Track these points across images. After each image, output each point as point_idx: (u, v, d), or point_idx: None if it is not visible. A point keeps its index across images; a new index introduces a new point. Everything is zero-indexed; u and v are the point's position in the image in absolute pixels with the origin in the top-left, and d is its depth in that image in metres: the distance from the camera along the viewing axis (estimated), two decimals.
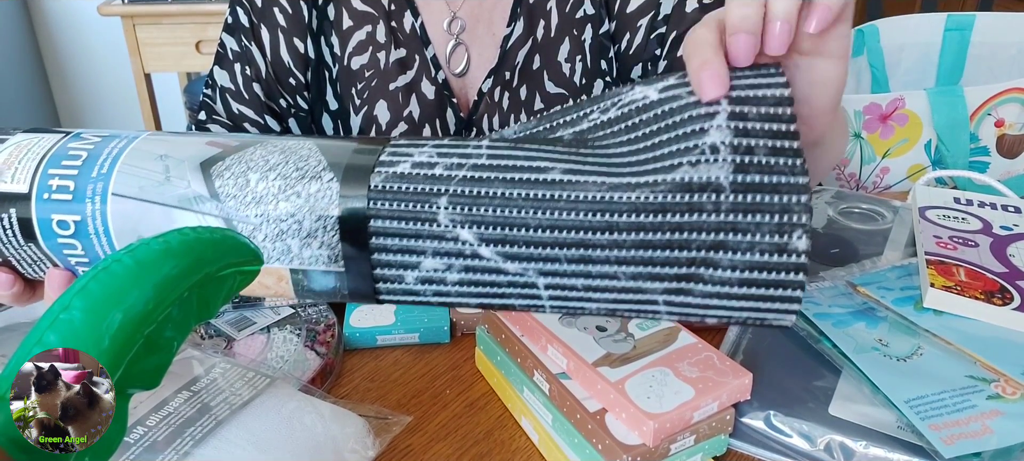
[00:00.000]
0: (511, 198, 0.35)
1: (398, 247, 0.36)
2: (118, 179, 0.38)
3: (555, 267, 0.35)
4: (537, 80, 0.75)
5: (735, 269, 0.33)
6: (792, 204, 0.33)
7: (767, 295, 0.34)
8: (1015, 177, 0.92)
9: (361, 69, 0.74)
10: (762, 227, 0.33)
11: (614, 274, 0.35)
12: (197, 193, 0.37)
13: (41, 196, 0.39)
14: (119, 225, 0.38)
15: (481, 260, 0.35)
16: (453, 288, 0.36)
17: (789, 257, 0.33)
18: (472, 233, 0.35)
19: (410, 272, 0.36)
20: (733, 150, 0.33)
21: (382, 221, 0.36)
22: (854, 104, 0.91)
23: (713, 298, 0.34)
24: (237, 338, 0.60)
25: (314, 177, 0.37)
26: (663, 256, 0.34)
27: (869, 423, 0.49)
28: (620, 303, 0.36)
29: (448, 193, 0.35)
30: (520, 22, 0.74)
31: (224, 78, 0.74)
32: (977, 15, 1.08)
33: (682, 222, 0.33)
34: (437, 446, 0.52)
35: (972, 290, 0.58)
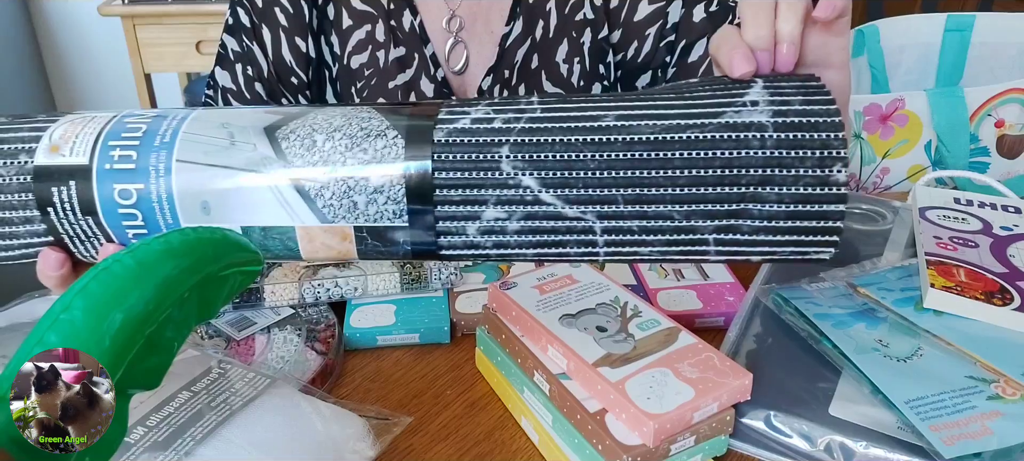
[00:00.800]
0: (570, 143, 0.37)
1: (461, 198, 0.37)
2: (181, 146, 0.39)
3: (612, 209, 0.37)
4: (535, 80, 0.75)
5: (782, 202, 0.36)
6: (831, 140, 0.36)
7: (811, 227, 0.37)
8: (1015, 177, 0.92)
9: (360, 68, 0.74)
10: (805, 161, 0.36)
11: (669, 213, 0.37)
12: (264, 155, 0.38)
13: (102, 167, 0.39)
14: (183, 190, 0.38)
15: (542, 206, 0.37)
16: (513, 238, 0.38)
17: (831, 189, 0.36)
18: (534, 179, 0.37)
19: (472, 223, 0.38)
20: (771, 102, 0.37)
21: (446, 172, 0.37)
22: (854, 104, 0.91)
23: (761, 233, 0.37)
24: (237, 338, 0.60)
25: (379, 135, 0.38)
26: (715, 193, 0.36)
27: (869, 423, 0.49)
28: (673, 245, 0.38)
29: (509, 142, 0.37)
30: (519, 21, 0.74)
31: (226, 78, 0.75)
32: (977, 15, 1.08)
33: (731, 158, 0.36)
34: (438, 446, 0.52)
35: (972, 290, 0.58)
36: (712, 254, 0.38)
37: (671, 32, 0.73)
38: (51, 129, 0.41)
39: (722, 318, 0.63)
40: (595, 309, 0.55)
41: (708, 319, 0.63)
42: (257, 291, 0.63)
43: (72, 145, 0.40)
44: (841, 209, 0.36)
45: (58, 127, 0.41)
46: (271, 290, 0.63)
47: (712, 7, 0.72)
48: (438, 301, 0.65)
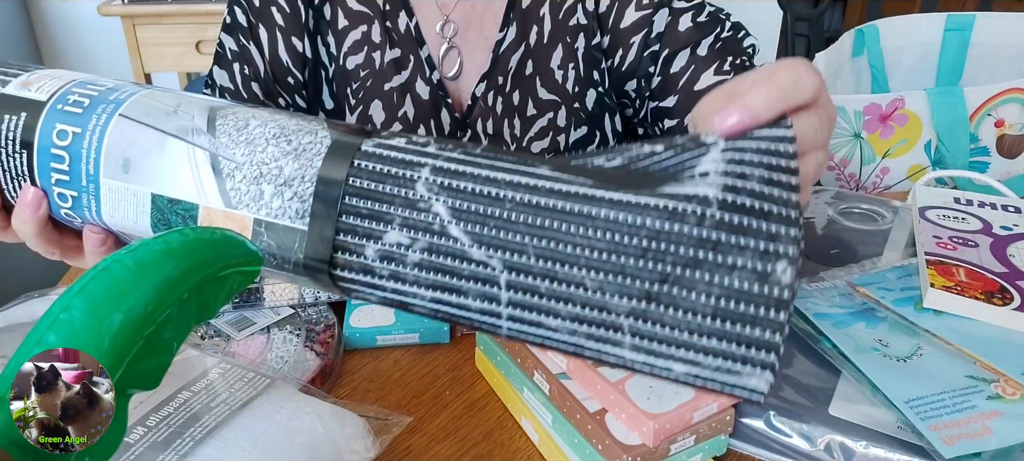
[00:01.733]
0: (492, 180, 0.34)
1: (368, 210, 0.35)
2: (129, 104, 0.40)
3: (521, 261, 0.33)
4: (530, 85, 0.75)
5: (711, 295, 0.31)
6: (780, 233, 0.31)
7: (742, 335, 0.31)
8: (1015, 177, 0.92)
9: (356, 69, 0.74)
10: (745, 251, 0.30)
11: (581, 279, 0.32)
12: (196, 126, 0.38)
13: (55, 106, 0.40)
14: (113, 141, 0.39)
15: (448, 239, 0.34)
16: (411, 271, 0.35)
17: (771, 289, 0.30)
18: (446, 207, 0.34)
19: (372, 243, 0.35)
20: (724, 174, 0.32)
21: (360, 180, 0.35)
22: (854, 104, 0.91)
23: (683, 331, 0.31)
24: (237, 338, 0.60)
25: (310, 133, 0.37)
26: (635, 266, 0.31)
27: (869, 423, 0.49)
28: (582, 323, 0.33)
29: (431, 166, 0.35)
30: (512, 27, 0.74)
31: (223, 78, 0.74)
32: (977, 15, 1.08)
33: (661, 231, 0.31)
34: (437, 447, 0.52)
35: (972, 290, 0.58)
36: (627, 348, 0.32)
37: (655, 41, 0.72)
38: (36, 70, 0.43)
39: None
40: None
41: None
42: (257, 291, 0.63)
43: (41, 85, 0.42)
44: (781, 319, 0.30)
45: (41, 71, 0.43)
46: (271, 290, 0.63)
47: (700, 17, 0.71)
48: None
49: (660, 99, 0.73)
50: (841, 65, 1.11)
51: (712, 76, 0.69)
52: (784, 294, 0.30)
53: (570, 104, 0.75)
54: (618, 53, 0.74)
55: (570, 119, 0.75)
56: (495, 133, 0.76)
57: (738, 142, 0.33)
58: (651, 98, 0.74)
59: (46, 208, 0.41)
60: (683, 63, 0.71)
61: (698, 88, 0.70)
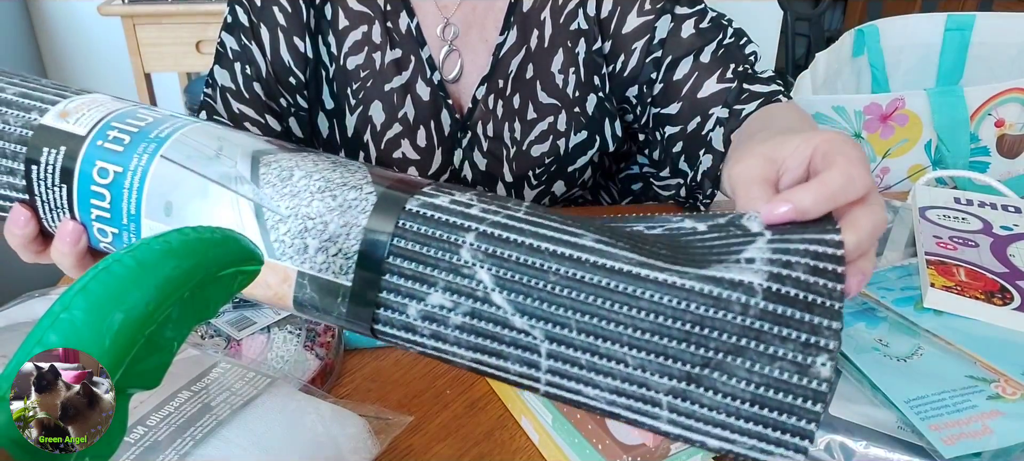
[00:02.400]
0: (537, 249, 0.34)
1: (412, 272, 0.35)
2: (171, 145, 0.39)
3: (563, 334, 0.33)
4: (530, 89, 0.75)
5: (751, 382, 0.32)
6: (823, 327, 0.31)
7: (778, 421, 0.32)
8: (1015, 177, 0.92)
9: (356, 69, 0.74)
10: (787, 342, 0.31)
11: (622, 356, 0.33)
12: (239, 174, 0.38)
13: (95, 142, 0.40)
14: (155, 185, 0.39)
15: (490, 306, 0.34)
16: (452, 332, 0.35)
17: (809, 381, 0.31)
18: (490, 275, 0.34)
19: (415, 303, 0.35)
20: (770, 263, 0.33)
21: (405, 241, 0.35)
22: (854, 104, 0.91)
23: (720, 411, 0.32)
24: (237, 338, 0.60)
25: (354, 187, 0.37)
26: (677, 348, 0.32)
27: (869, 423, 0.49)
28: (620, 396, 0.33)
29: (476, 231, 0.35)
30: (513, 31, 0.74)
31: (225, 77, 0.74)
32: (977, 15, 1.08)
33: (705, 316, 0.32)
34: (438, 446, 0.52)
35: (972, 290, 0.58)
36: (663, 421, 0.33)
37: (658, 48, 0.72)
38: (72, 98, 0.42)
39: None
40: None
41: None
42: None
43: (79, 116, 0.41)
44: (817, 410, 0.31)
45: (78, 99, 0.42)
46: None
47: (703, 23, 0.71)
48: None
49: (662, 106, 0.73)
50: (841, 65, 1.11)
51: (715, 84, 0.69)
52: (822, 387, 0.31)
53: (570, 108, 0.75)
54: (620, 59, 0.74)
55: (570, 123, 0.75)
56: (495, 136, 0.76)
57: (785, 233, 0.34)
58: (653, 104, 0.74)
59: (86, 241, 0.41)
60: (686, 70, 0.71)
61: (701, 96, 0.70)
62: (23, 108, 0.42)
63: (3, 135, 0.41)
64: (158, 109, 0.43)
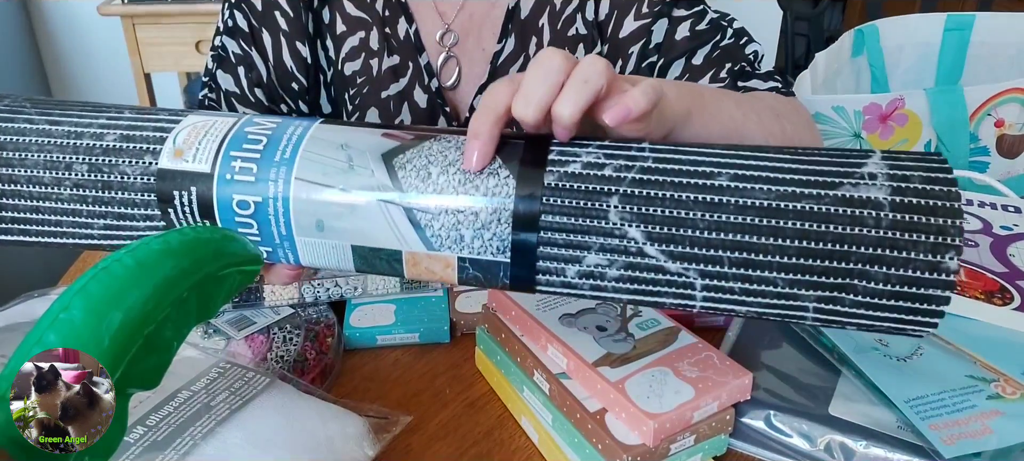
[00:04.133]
0: (680, 200, 0.37)
1: (565, 242, 0.38)
2: (301, 164, 0.40)
3: (716, 269, 0.37)
4: None
5: (889, 283, 0.36)
6: (948, 226, 0.35)
7: (913, 308, 0.36)
8: (1015, 177, 0.92)
9: (354, 75, 0.74)
10: (919, 245, 0.35)
11: (773, 279, 0.36)
12: (381, 182, 0.39)
13: (223, 176, 0.40)
14: (300, 206, 0.40)
15: (644, 258, 0.37)
16: (610, 283, 0.38)
17: (941, 275, 0.35)
18: (640, 231, 0.37)
19: (572, 266, 0.38)
20: (890, 177, 0.36)
21: (553, 216, 0.38)
22: (854, 104, 0.91)
23: (862, 308, 0.36)
24: (237, 338, 0.60)
25: (491, 173, 0.39)
26: (823, 265, 0.36)
27: (869, 423, 0.49)
28: (771, 308, 0.37)
29: (619, 193, 0.37)
30: (511, 38, 0.73)
31: (229, 82, 0.74)
32: (977, 15, 1.08)
33: (844, 234, 0.35)
34: (437, 446, 0.52)
35: (972, 290, 0.58)
36: (808, 320, 0.38)
37: (653, 52, 0.71)
38: (175, 131, 0.42)
39: (722, 318, 0.63)
40: (595, 308, 0.55)
41: (708, 319, 0.63)
42: (257, 291, 0.63)
43: (195, 151, 0.41)
44: (947, 296, 0.36)
45: (181, 131, 0.42)
46: (271, 290, 0.63)
47: (700, 25, 0.70)
48: (438, 300, 0.65)
49: None
50: (841, 65, 1.11)
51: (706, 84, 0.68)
52: (951, 277, 0.36)
53: None
54: (617, 64, 0.73)
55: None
56: None
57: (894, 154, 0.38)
58: None
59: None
60: (677, 73, 0.70)
61: None
62: (133, 154, 0.42)
63: (126, 186, 0.42)
64: (263, 118, 0.43)
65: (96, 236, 0.44)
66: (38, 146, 0.43)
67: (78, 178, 0.42)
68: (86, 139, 0.43)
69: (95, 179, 0.42)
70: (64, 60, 2.30)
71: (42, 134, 0.43)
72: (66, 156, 0.42)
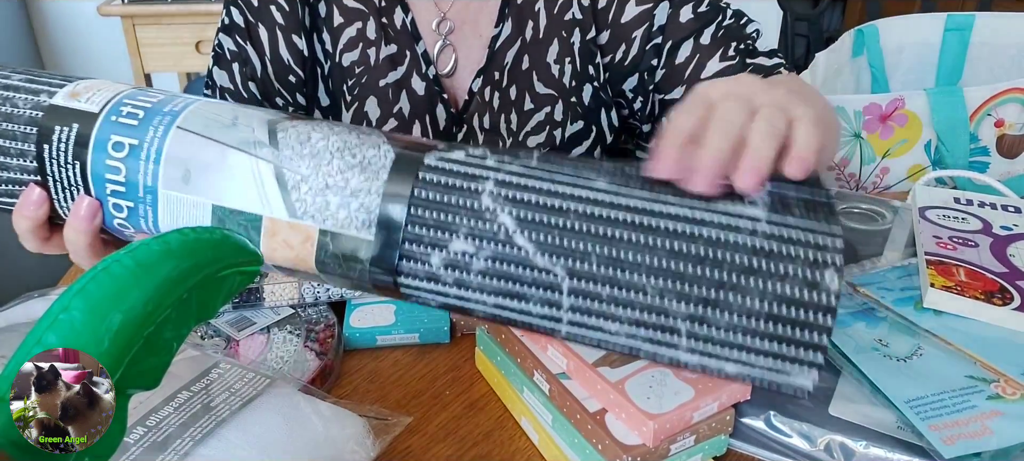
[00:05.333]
0: (555, 193, 0.36)
1: (434, 221, 0.36)
2: (186, 116, 0.40)
3: (584, 268, 0.35)
4: (526, 80, 0.75)
5: (764, 299, 0.33)
6: (827, 243, 0.33)
7: (792, 337, 0.33)
8: (1015, 177, 0.92)
9: (351, 65, 0.74)
10: (796, 260, 0.33)
11: (642, 285, 0.34)
12: (258, 139, 0.39)
13: (109, 118, 0.40)
14: (172, 153, 0.39)
15: (512, 248, 0.36)
16: (475, 278, 0.36)
17: (820, 296, 0.33)
18: (511, 218, 0.36)
19: (438, 252, 0.36)
20: (770, 200, 0.35)
21: (426, 191, 0.37)
22: (854, 104, 0.91)
23: (737, 332, 0.34)
24: (237, 338, 0.60)
25: (373, 146, 0.38)
26: (693, 273, 0.34)
27: (869, 423, 0.49)
28: (641, 327, 0.35)
29: (494, 178, 0.36)
30: (508, 23, 0.74)
31: (223, 78, 0.74)
32: (977, 15, 1.08)
33: (717, 240, 0.34)
34: (437, 446, 0.52)
35: (972, 290, 0.58)
36: (683, 350, 0.35)
37: (658, 34, 0.72)
38: (80, 81, 0.43)
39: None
40: None
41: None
42: (257, 291, 0.63)
43: (90, 95, 0.42)
44: (828, 324, 0.33)
45: (87, 81, 0.43)
46: (271, 290, 0.63)
47: (701, 7, 0.72)
48: None
49: (666, 92, 0.73)
50: (841, 65, 1.11)
51: (717, 63, 0.69)
52: (831, 300, 0.33)
53: (567, 98, 0.75)
54: (620, 48, 0.74)
55: (567, 113, 0.76)
56: (491, 128, 0.76)
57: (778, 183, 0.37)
58: (656, 91, 0.74)
59: (100, 219, 0.41)
60: (688, 53, 0.71)
61: (704, 76, 0.70)
62: (31, 92, 0.42)
63: (12, 118, 0.42)
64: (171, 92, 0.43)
65: None
66: None
67: None
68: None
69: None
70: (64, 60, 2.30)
71: None
72: None
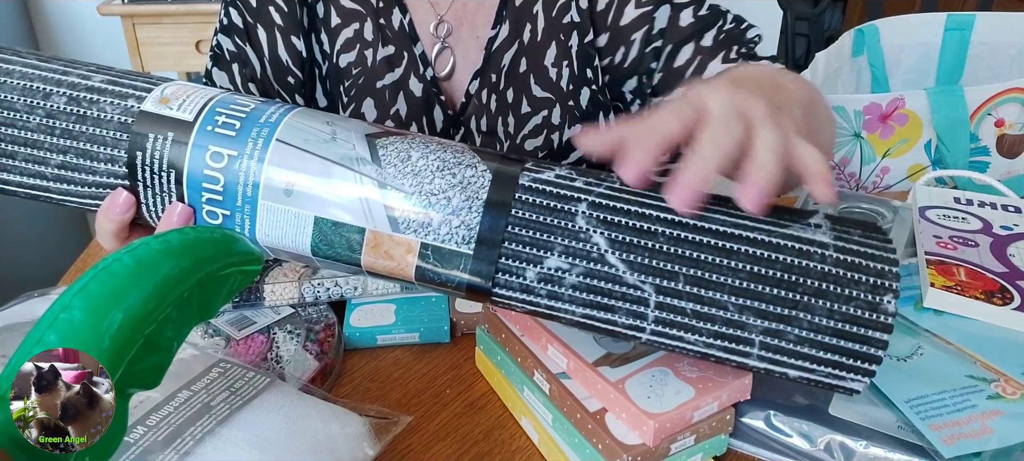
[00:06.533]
0: (645, 215, 0.38)
1: (530, 239, 0.38)
2: (284, 128, 0.40)
3: (671, 286, 0.38)
4: (523, 83, 0.75)
5: (832, 317, 0.38)
6: (886, 270, 0.38)
7: (853, 350, 0.38)
8: (1015, 177, 0.92)
9: (349, 66, 0.74)
10: (860, 284, 0.38)
11: (724, 302, 0.38)
12: (360, 155, 0.40)
13: (204, 127, 0.41)
14: (274, 168, 0.40)
15: (604, 266, 0.38)
16: (567, 291, 0.39)
17: (880, 316, 0.38)
18: (604, 238, 0.38)
19: (533, 267, 0.39)
20: (832, 226, 0.40)
21: (523, 211, 0.39)
22: (854, 104, 0.91)
23: (805, 345, 0.38)
24: (237, 338, 0.60)
25: (470, 165, 0.40)
26: (771, 292, 0.38)
27: (869, 423, 0.49)
28: (719, 338, 0.39)
29: (588, 200, 0.39)
30: (505, 25, 0.74)
31: (223, 79, 0.74)
32: (977, 15, 1.08)
33: (793, 264, 0.38)
34: (437, 446, 0.52)
35: (972, 290, 0.58)
36: (753, 358, 0.39)
37: (657, 37, 0.72)
38: (164, 85, 0.43)
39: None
40: None
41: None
42: (257, 290, 0.63)
43: (182, 102, 0.42)
44: (885, 339, 0.38)
45: (171, 85, 0.43)
46: (271, 289, 0.63)
47: (701, 10, 0.71)
48: (438, 300, 0.65)
49: (664, 94, 0.73)
50: (841, 65, 1.11)
51: (719, 64, 0.69)
52: (889, 320, 0.38)
53: (564, 102, 0.75)
54: (619, 51, 0.74)
55: (564, 117, 0.75)
56: (489, 131, 0.76)
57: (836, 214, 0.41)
58: (653, 94, 0.74)
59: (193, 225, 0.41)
60: (688, 56, 0.71)
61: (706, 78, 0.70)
62: (118, 96, 0.42)
63: (101, 123, 0.42)
64: (256, 97, 0.43)
65: (47, 176, 0.43)
66: (20, 75, 0.42)
67: (53, 108, 0.42)
68: (73, 77, 0.43)
69: (70, 111, 0.42)
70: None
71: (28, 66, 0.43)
72: (47, 87, 0.42)
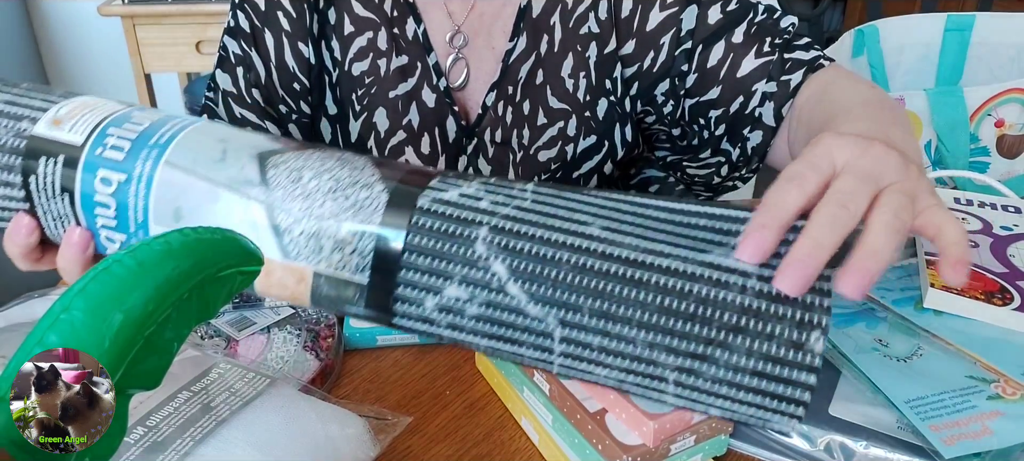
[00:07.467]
0: (549, 241, 0.35)
1: (428, 267, 0.36)
2: (174, 149, 0.39)
3: (575, 318, 0.35)
4: (540, 94, 0.74)
5: (750, 356, 0.34)
6: (814, 303, 0.34)
7: (775, 392, 0.34)
8: (1015, 177, 0.92)
9: (361, 75, 0.74)
10: (783, 320, 0.33)
11: (632, 337, 0.34)
12: (248, 177, 0.38)
13: (94, 151, 0.39)
14: (161, 192, 0.38)
15: (505, 296, 0.35)
16: (468, 322, 0.36)
17: (804, 356, 0.33)
18: (504, 266, 0.35)
19: (431, 297, 0.36)
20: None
21: (420, 238, 0.36)
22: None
23: (723, 385, 0.34)
24: (237, 338, 0.60)
25: (365, 186, 0.37)
26: (682, 328, 0.34)
27: (869, 423, 0.49)
28: (629, 374, 0.35)
29: (489, 225, 0.36)
30: (523, 37, 0.73)
31: (226, 81, 0.74)
32: (977, 15, 1.08)
33: (707, 297, 0.34)
34: (437, 447, 0.52)
35: (972, 290, 0.58)
36: (669, 395, 0.35)
37: (687, 39, 0.71)
38: (61, 104, 0.42)
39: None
40: None
41: None
42: None
43: (73, 123, 0.40)
44: (811, 381, 0.33)
45: (67, 105, 0.42)
46: None
47: (730, 5, 0.71)
48: None
49: (700, 94, 0.72)
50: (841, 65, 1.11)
51: (753, 59, 0.69)
52: (815, 361, 0.33)
53: (581, 113, 0.75)
54: (648, 56, 0.73)
55: (580, 128, 0.75)
56: (502, 142, 0.76)
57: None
58: (687, 95, 0.73)
59: (93, 248, 0.40)
60: (720, 54, 0.70)
61: (740, 74, 0.69)
62: (12, 117, 0.41)
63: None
64: (154, 110, 0.42)
65: None
66: None
67: None
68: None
69: None
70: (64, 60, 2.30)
71: None
72: None
